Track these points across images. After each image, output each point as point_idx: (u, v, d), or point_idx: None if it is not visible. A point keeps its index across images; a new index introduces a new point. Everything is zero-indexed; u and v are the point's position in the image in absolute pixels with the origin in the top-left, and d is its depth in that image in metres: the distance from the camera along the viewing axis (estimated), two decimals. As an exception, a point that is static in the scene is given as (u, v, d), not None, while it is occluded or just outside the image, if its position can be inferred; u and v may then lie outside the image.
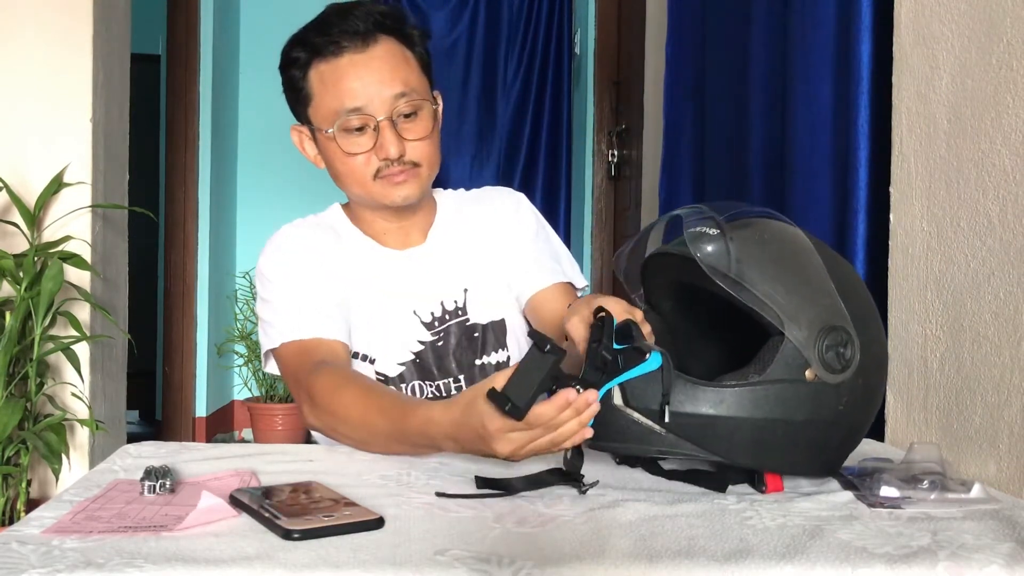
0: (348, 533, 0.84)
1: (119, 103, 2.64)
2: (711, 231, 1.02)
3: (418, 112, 1.35)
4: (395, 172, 1.34)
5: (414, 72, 1.36)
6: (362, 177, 1.36)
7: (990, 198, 1.16)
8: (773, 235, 1.05)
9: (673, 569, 0.78)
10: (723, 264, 0.99)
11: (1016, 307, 1.11)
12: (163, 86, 4.53)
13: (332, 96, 1.33)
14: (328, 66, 1.33)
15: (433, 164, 1.39)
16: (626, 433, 0.97)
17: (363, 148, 1.34)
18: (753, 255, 1.01)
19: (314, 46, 1.34)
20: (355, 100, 1.32)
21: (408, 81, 1.34)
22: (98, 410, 2.44)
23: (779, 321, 0.98)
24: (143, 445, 1.20)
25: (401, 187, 1.35)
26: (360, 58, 1.33)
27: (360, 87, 1.32)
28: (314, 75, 1.35)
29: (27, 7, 2.40)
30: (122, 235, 2.69)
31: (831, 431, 1.01)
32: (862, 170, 1.58)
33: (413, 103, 1.34)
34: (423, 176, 1.37)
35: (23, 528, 0.85)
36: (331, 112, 1.34)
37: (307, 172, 5.42)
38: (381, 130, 1.32)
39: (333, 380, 1.23)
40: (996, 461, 1.13)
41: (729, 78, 2.31)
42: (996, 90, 1.15)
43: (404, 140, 1.33)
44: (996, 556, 0.80)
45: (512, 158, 4.62)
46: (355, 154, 1.34)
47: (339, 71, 1.33)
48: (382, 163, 1.34)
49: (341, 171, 1.38)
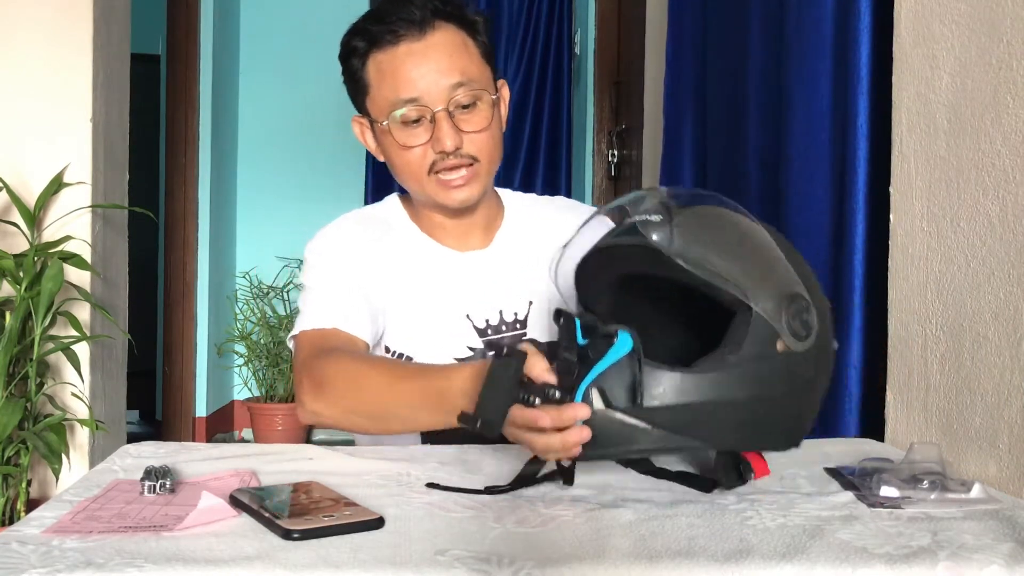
0: (348, 533, 0.84)
1: (119, 103, 2.64)
2: (655, 218, 1.00)
3: (477, 103, 1.29)
4: (451, 166, 1.29)
5: (474, 61, 1.31)
6: (418, 171, 1.31)
7: (990, 198, 1.16)
8: (718, 215, 1.05)
9: (673, 569, 0.78)
10: (679, 248, 0.97)
11: (1016, 307, 1.11)
12: (163, 86, 4.53)
13: (388, 87, 1.29)
14: (385, 55, 1.29)
15: (493, 159, 1.33)
16: (615, 437, 0.92)
17: (419, 140, 1.29)
18: (705, 236, 1.00)
19: (371, 35, 1.30)
20: (411, 91, 1.27)
21: (467, 70, 1.29)
22: (98, 410, 2.43)
23: (745, 296, 0.96)
24: (143, 445, 1.20)
25: (459, 190, 1.31)
26: (417, 46, 1.28)
27: (417, 77, 1.27)
28: (372, 65, 1.31)
29: (27, 7, 2.40)
30: (122, 235, 2.69)
31: (804, 401, 1.01)
32: (862, 170, 1.58)
33: (471, 93, 1.28)
34: (482, 173, 1.32)
35: (23, 528, 0.85)
36: (387, 103, 1.29)
37: (307, 172, 5.43)
38: (437, 121, 1.27)
39: (351, 357, 1.21)
40: (996, 461, 1.13)
41: (729, 78, 2.31)
42: (996, 90, 1.15)
43: (461, 132, 1.28)
44: (996, 556, 0.80)
45: (512, 158, 4.61)
46: (411, 147, 1.29)
47: (396, 61, 1.28)
48: (438, 156, 1.29)
49: (397, 164, 1.33)
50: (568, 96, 4.55)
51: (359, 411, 1.17)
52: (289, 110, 4.85)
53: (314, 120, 4.84)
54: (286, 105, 4.85)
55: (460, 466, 1.11)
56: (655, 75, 2.96)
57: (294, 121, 4.86)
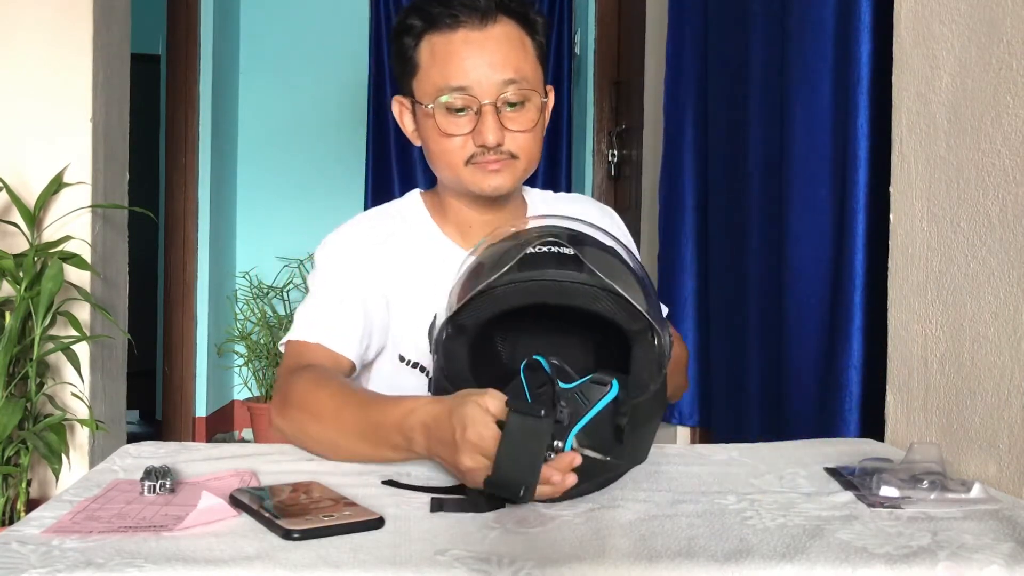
0: (348, 533, 0.84)
1: (119, 103, 2.64)
2: (563, 250, 1.02)
3: (525, 103, 1.27)
4: (490, 160, 1.26)
5: (529, 60, 1.28)
6: (455, 160, 1.28)
7: (990, 198, 1.16)
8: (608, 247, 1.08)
9: (673, 569, 0.78)
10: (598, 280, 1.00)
11: (1016, 307, 1.11)
12: (163, 86, 4.53)
13: (439, 71, 1.26)
14: (441, 39, 1.26)
15: (532, 159, 1.30)
16: (587, 473, 0.93)
17: (461, 130, 1.26)
18: (611, 266, 1.04)
19: (431, 16, 1.27)
20: (462, 79, 1.24)
21: (521, 69, 1.26)
22: (98, 410, 2.43)
23: (651, 329, 1.02)
24: (143, 445, 1.20)
25: (494, 176, 1.27)
26: (476, 36, 1.25)
27: (470, 67, 1.24)
28: (425, 46, 1.28)
29: (27, 7, 2.40)
30: (122, 235, 2.69)
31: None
32: (862, 170, 1.58)
33: (522, 92, 1.26)
34: (519, 169, 1.29)
35: (23, 528, 0.85)
36: (435, 87, 1.26)
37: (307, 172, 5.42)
38: (483, 114, 1.24)
39: (315, 378, 1.18)
40: (996, 461, 1.13)
41: (729, 78, 2.31)
42: (996, 90, 1.15)
43: (505, 129, 1.25)
44: (996, 556, 0.80)
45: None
46: (452, 135, 1.26)
47: (451, 46, 1.25)
48: (478, 149, 1.26)
49: (434, 150, 1.30)
50: (568, 96, 4.55)
51: (310, 434, 1.15)
52: (289, 110, 4.85)
53: (314, 120, 4.85)
54: (286, 105, 4.85)
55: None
56: (655, 75, 2.96)
57: (294, 121, 4.86)
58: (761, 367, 2.06)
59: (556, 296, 1.00)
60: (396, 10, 4.55)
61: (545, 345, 1.09)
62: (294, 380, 1.19)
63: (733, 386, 2.30)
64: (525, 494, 0.87)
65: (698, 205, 2.53)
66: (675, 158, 2.59)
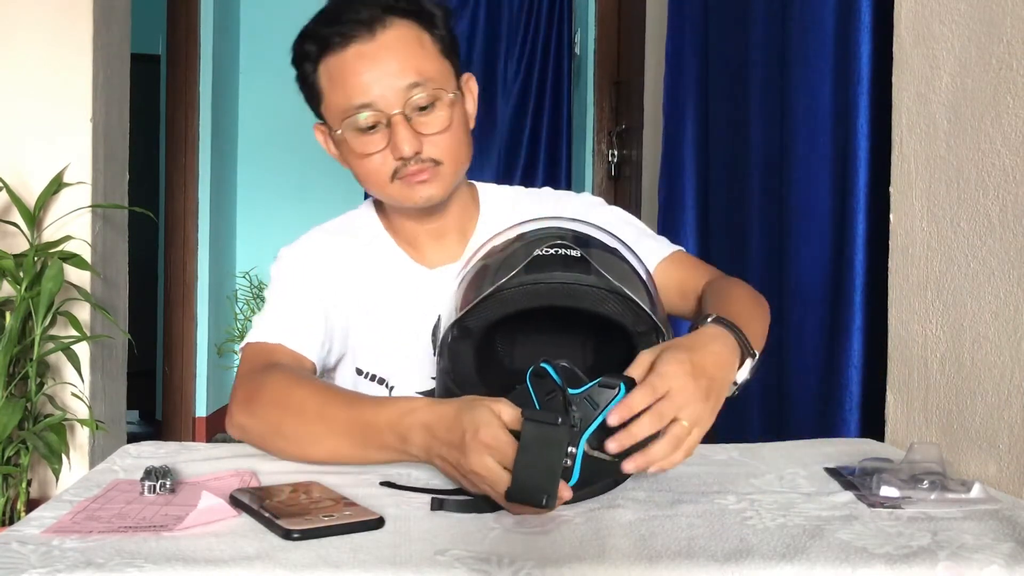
0: (348, 533, 0.84)
1: (119, 103, 2.64)
2: (570, 252, 1.01)
3: (435, 104, 1.22)
4: (414, 171, 1.22)
5: (431, 58, 1.23)
6: (380, 179, 1.24)
7: (990, 198, 1.16)
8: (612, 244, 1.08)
9: (673, 569, 0.78)
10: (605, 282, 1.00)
11: (1016, 307, 1.11)
12: (163, 86, 4.53)
13: (341, 93, 1.22)
14: (336, 60, 1.22)
15: (457, 160, 1.25)
16: (597, 475, 0.92)
17: (377, 147, 1.22)
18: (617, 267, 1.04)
19: (321, 39, 1.23)
20: (364, 95, 1.20)
21: (423, 70, 1.21)
22: (98, 410, 2.43)
23: (656, 331, 1.01)
24: (143, 445, 1.20)
25: (422, 187, 1.23)
26: (368, 48, 1.20)
27: (369, 81, 1.20)
28: (323, 71, 1.24)
29: (27, 7, 2.40)
30: (122, 235, 2.69)
31: None
32: (862, 170, 1.58)
33: (429, 94, 1.21)
34: (447, 174, 1.24)
35: (23, 528, 0.85)
36: (340, 111, 1.23)
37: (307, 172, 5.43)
38: (393, 126, 1.20)
39: (290, 375, 1.15)
40: (996, 461, 1.13)
41: (729, 78, 2.31)
42: (996, 90, 1.15)
43: (420, 136, 1.21)
44: (996, 556, 0.80)
45: (512, 158, 4.61)
46: (369, 154, 1.23)
47: (346, 65, 1.21)
48: (398, 163, 1.22)
49: (359, 173, 1.27)
50: (568, 96, 4.55)
51: (284, 431, 1.11)
52: (289, 110, 4.81)
53: (314, 120, 4.85)
54: (286, 105, 4.80)
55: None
56: (655, 75, 2.96)
57: (294, 121, 4.85)
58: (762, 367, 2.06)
59: (564, 298, 1.00)
60: (396, 10, 4.55)
61: (547, 346, 1.09)
62: (264, 377, 1.16)
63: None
64: (548, 502, 0.86)
65: (698, 205, 2.53)
66: (675, 158, 2.59)
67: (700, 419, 0.93)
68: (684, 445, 0.92)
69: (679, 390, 0.91)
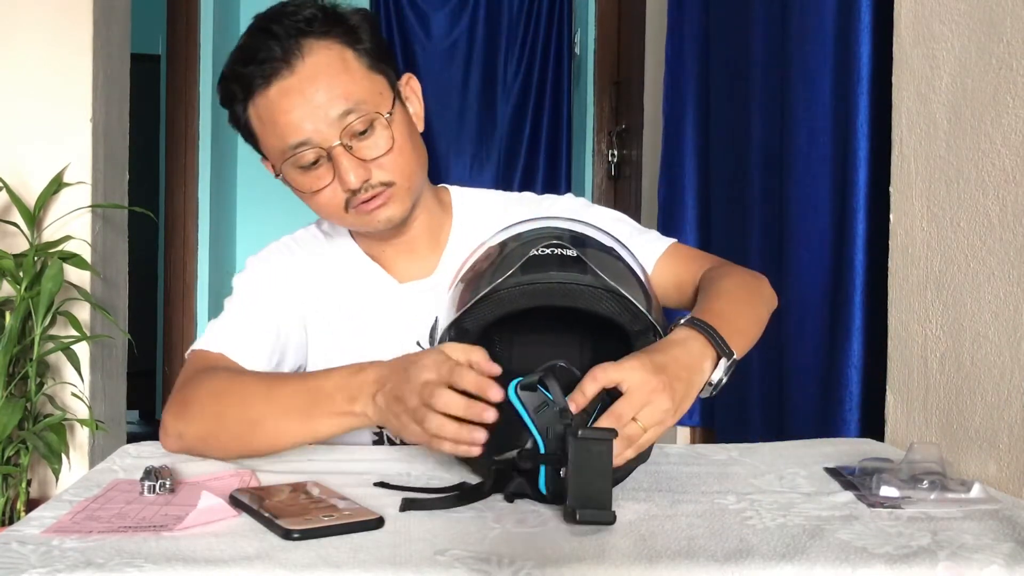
0: (348, 533, 0.84)
1: (119, 103, 2.64)
2: (566, 252, 1.02)
3: (373, 125, 1.16)
4: (367, 199, 1.18)
5: (357, 79, 1.17)
6: (334, 211, 1.20)
7: (990, 198, 1.16)
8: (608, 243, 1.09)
9: (673, 569, 0.78)
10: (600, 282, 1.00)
11: (1016, 307, 1.11)
12: (163, 86, 4.53)
13: (273, 134, 1.17)
14: (262, 100, 1.16)
15: (409, 175, 1.20)
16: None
17: (324, 182, 1.17)
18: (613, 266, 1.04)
19: (243, 79, 1.17)
20: (297, 134, 1.15)
21: (351, 94, 1.15)
22: (98, 410, 2.43)
23: (653, 329, 1.02)
24: (143, 445, 1.20)
25: (380, 211, 1.20)
26: (290, 83, 1.14)
27: (298, 118, 1.14)
28: (252, 112, 1.19)
29: (27, 7, 2.40)
30: (122, 235, 2.69)
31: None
32: (862, 170, 1.58)
33: (364, 118, 1.15)
34: (402, 191, 1.20)
35: (23, 528, 0.85)
36: (278, 151, 1.17)
37: (307, 172, 5.33)
38: (335, 158, 1.15)
39: (228, 375, 1.13)
40: (996, 461, 1.13)
41: (729, 77, 2.31)
42: (996, 90, 1.15)
43: (365, 162, 1.16)
44: (996, 556, 0.80)
45: (512, 158, 4.62)
46: (318, 190, 1.18)
47: (272, 104, 1.15)
48: (347, 194, 1.17)
49: (313, 208, 1.23)
50: (568, 96, 4.55)
51: (226, 423, 1.09)
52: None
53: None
54: (286, 105, 4.85)
55: (461, 466, 1.11)
56: (655, 75, 2.96)
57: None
58: (762, 367, 2.06)
59: (561, 298, 1.00)
60: (396, 9, 4.55)
61: (545, 346, 1.09)
62: (195, 382, 1.14)
63: (734, 386, 2.30)
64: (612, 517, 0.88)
65: (698, 205, 2.53)
66: (674, 158, 2.59)
67: (659, 419, 0.94)
68: (635, 444, 0.94)
69: (636, 389, 0.93)
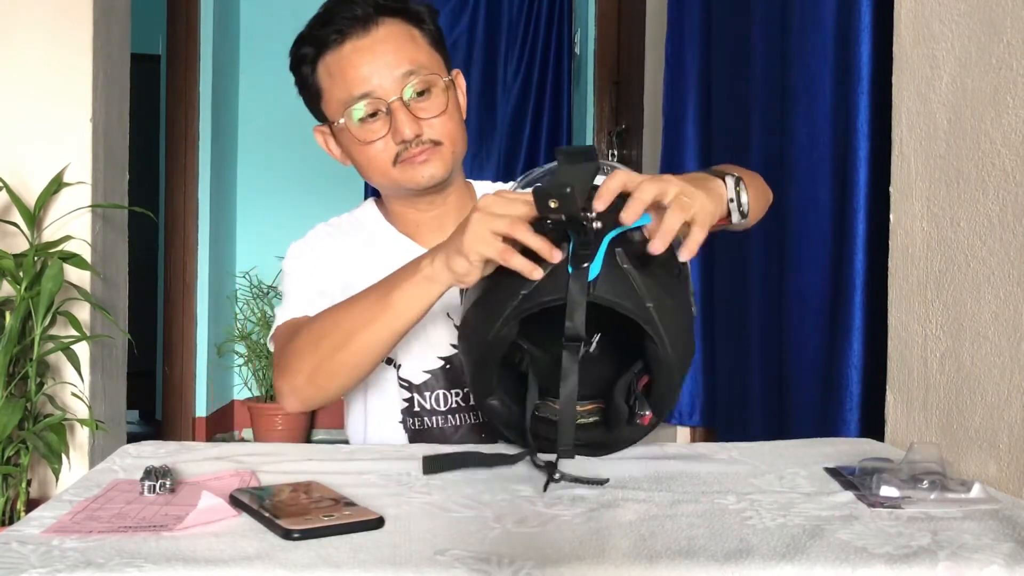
0: (348, 533, 0.84)
1: (119, 103, 2.64)
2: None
3: (431, 89, 1.30)
4: (415, 153, 1.29)
5: (422, 50, 1.31)
6: (383, 165, 1.31)
7: (990, 198, 1.16)
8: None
9: (673, 569, 0.78)
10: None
11: (1016, 307, 1.11)
12: (163, 86, 4.53)
13: (340, 86, 1.30)
14: (333, 56, 1.30)
15: (456, 141, 1.33)
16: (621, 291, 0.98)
17: (378, 134, 1.29)
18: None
19: (318, 39, 1.31)
20: (363, 86, 1.28)
21: (416, 59, 1.29)
22: (98, 410, 2.44)
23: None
24: (143, 445, 1.20)
25: (424, 166, 1.30)
26: (363, 43, 1.29)
27: (367, 72, 1.28)
28: (321, 69, 1.32)
29: (27, 7, 2.40)
30: (122, 235, 2.69)
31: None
32: (862, 170, 1.58)
33: (424, 80, 1.29)
34: (447, 154, 1.31)
35: (23, 528, 0.85)
36: (341, 103, 1.30)
37: (307, 172, 5.43)
38: (393, 112, 1.28)
39: (310, 319, 1.22)
40: (996, 461, 1.13)
41: (729, 77, 2.31)
42: (996, 90, 1.15)
43: (419, 120, 1.28)
44: (996, 556, 0.80)
45: (512, 158, 4.62)
46: (371, 141, 1.30)
47: (343, 60, 1.29)
48: (400, 147, 1.29)
49: (361, 162, 1.33)
50: (568, 96, 4.55)
51: (325, 356, 1.16)
52: (289, 110, 4.82)
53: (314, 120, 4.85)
54: (286, 105, 4.82)
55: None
56: (655, 75, 2.96)
57: (294, 121, 4.85)
58: (762, 367, 2.06)
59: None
60: (396, 10, 4.55)
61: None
62: (289, 341, 1.22)
63: (735, 386, 2.31)
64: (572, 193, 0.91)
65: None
66: (674, 158, 2.59)
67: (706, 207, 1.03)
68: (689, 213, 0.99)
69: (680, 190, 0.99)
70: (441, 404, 1.34)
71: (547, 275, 0.98)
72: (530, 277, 0.98)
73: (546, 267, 0.98)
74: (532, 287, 0.99)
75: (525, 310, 1.00)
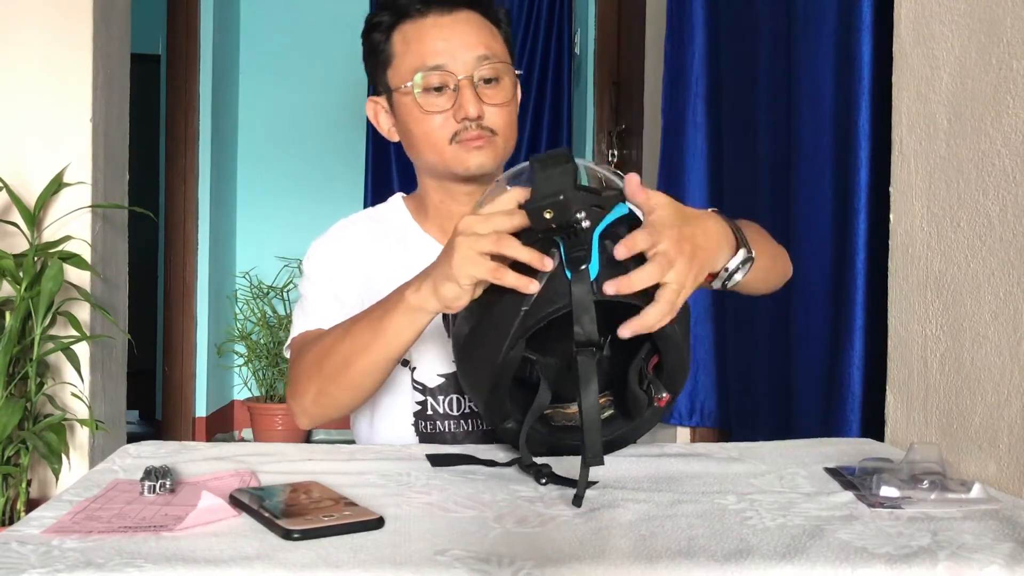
0: (348, 533, 0.84)
1: (119, 103, 2.64)
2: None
3: (500, 78, 1.31)
4: (472, 136, 1.29)
5: (498, 41, 1.34)
6: (438, 140, 1.31)
7: (990, 198, 1.16)
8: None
9: (673, 569, 0.78)
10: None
11: (1016, 307, 1.11)
12: (163, 86, 4.53)
13: (414, 54, 1.31)
14: (412, 26, 1.32)
15: (509, 136, 1.34)
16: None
17: (441, 108, 1.29)
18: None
19: (399, 8, 1.32)
20: (437, 57, 1.29)
21: (492, 47, 1.32)
22: (98, 410, 2.44)
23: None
24: (143, 445, 1.20)
25: (477, 153, 1.30)
26: (445, 20, 1.31)
27: (443, 47, 1.29)
28: (397, 36, 1.33)
29: (27, 7, 2.40)
30: (122, 235, 2.69)
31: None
32: (862, 170, 1.58)
33: (495, 67, 1.31)
34: (499, 146, 1.32)
35: (23, 528, 0.85)
36: (411, 69, 1.30)
37: (307, 172, 5.42)
38: (461, 89, 1.28)
39: (316, 338, 1.23)
40: (996, 461, 1.13)
41: (730, 78, 2.32)
42: (996, 90, 1.15)
43: (483, 103, 1.29)
44: (996, 556, 0.80)
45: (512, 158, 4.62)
46: (433, 113, 1.30)
47: (422, 30, 1.31)
48: (460, 125, 1.29)
49: (416, 133, 1.32)
50: (568, 96, 4.55)
51: (327, 380, 1.18)
52: (289, 110, 4.85)
53: (314, 120, 4.85)
54: (286, 105, 4.85)
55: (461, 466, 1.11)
56: (655, 75, 2.96)
57: (294, 121, 4.87)
58: (763, 368, 2.06)
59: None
60: (396, 10, 4.55)
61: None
62: (298, 358, 1.24)
63: (736, 387, 2.31)
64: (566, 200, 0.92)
65: (697, 205, 2.53)
66: (674, 158, 2.59)
67: (684, 282, 0.97)
68: (673, 307, 0.97)
69: (669, 248, 0.96)
70: (454, 408, 1.33)
71: (543, 286, 0.97)
72: (526, 291, 0.96)
73: (540, 278, 0.97)
74: (531, 301, 0.97)
75: (531, 327, 0.98)
